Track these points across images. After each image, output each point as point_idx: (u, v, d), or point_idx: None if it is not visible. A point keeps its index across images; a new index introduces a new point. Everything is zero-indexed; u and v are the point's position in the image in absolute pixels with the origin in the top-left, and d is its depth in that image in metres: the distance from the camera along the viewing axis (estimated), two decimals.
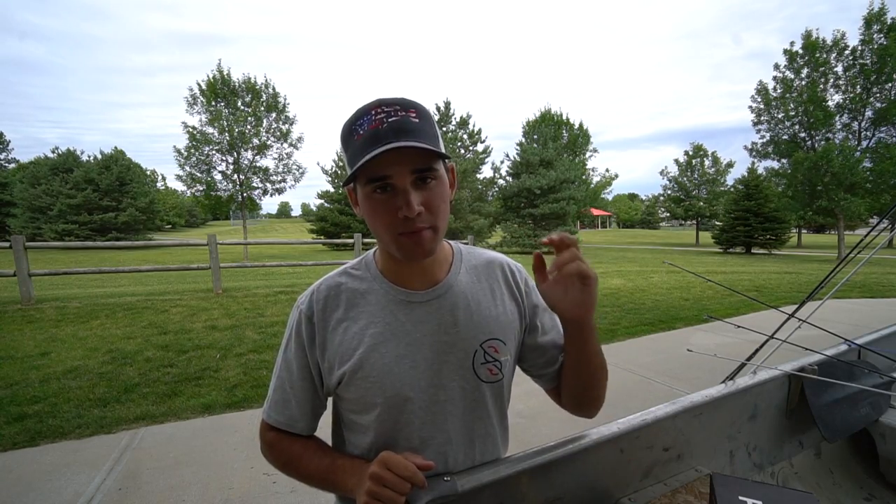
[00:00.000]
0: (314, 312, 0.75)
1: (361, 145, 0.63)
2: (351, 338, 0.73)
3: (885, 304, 6.88)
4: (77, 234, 27.95)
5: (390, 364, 0.72)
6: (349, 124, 0.66)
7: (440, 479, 0.70)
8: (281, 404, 0.78)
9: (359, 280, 0.78)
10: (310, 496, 2.11)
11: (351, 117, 0.66)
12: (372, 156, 0.60)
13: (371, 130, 0.63)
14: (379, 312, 0.74)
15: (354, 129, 0.65)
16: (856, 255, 1.47)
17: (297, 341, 0.76)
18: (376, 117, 0.63)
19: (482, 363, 0.75)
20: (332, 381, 0.74)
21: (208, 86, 19.93)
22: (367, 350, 0.72)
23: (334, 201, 27.85)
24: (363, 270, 0.79)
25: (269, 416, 0.79)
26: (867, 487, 1.31)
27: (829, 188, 19.30)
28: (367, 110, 0.64)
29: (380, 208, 0.65)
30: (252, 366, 3.83)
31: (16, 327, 4.89)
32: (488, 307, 0.78)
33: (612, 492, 0.90)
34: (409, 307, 0.74)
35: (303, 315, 0.76)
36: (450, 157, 0.69)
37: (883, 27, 18.39)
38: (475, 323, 0.75)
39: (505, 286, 0.82)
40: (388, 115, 0.63)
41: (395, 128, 0.62)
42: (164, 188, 63.53)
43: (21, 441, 2.62)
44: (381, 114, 0.63)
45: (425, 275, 0.76)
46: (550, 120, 36.00)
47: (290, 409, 0.77)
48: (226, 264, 7.60)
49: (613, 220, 76.11)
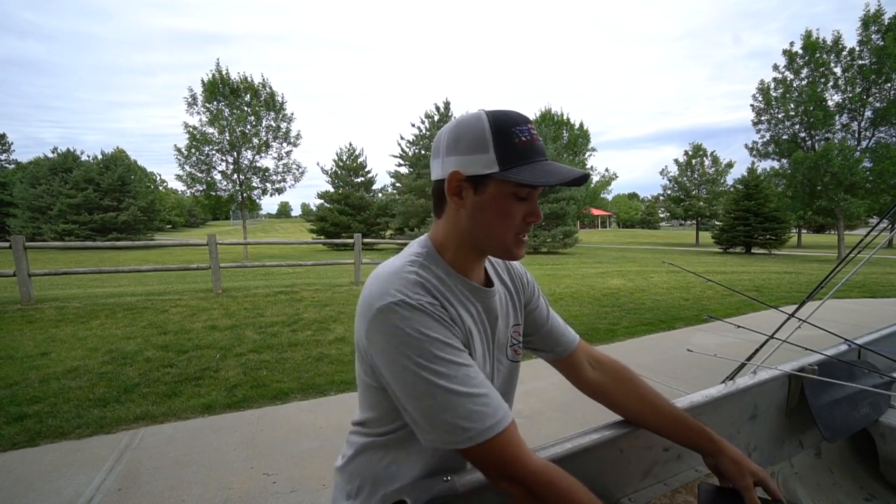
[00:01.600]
0: (441, 300, 0.70)
1: (526, 151, 0.68)
2: (468, 325, 0.76)
3: (885, 304, 6.88)
4: (77, 234, 27.95)
5: (482, 352, 0.78)
6: (507, 124, 0.69)
7: (439, 479, 0.70)
8: (500, 402, 0.66)
9: (437, 273, 0.75)
10: (310, 496, 2.11)
11: (507, 118, 0.69)
12: (562, 181, 0.66)
13: (534, 143, 0.69)
14: (465, 303, 0.77)
15: (514, 132, 0.68)
16: (856, 255, 1.47)
17: (450, 333, 0.67)
18: (531, 132, 0.70)
19: (511, 345, 0.86)
20: None
21: (208, 85, 19.93)
22: (475, 337, 0.76)
23: (334, 201, 27.88)
24: (435, 265, 0.76)
25: (504, 421, 0.64)
26: (867, 487, 1.31)
27: (829, 188, 19.31)
28: (522, 120, 0.70)
29: (513, 211, 0.71)
30: (252, 366, 3.83)
31: (15, 327, 4.89)
32: (506, 294, 0.88)
33: (612, 492, 0.89)
34: (480, 300, 0.79)
35: (433, 306, 0.67)
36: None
37: (881, 28, 18.40)
38: (509, 311, 0.87)
39: (507, 276, 0.91)
40: (532, 132, 0.70)
41: (542, 147, 0.70)
42: (164, 188, 63.47)
43: (21, 441, 2.61)
44: (530, 128, 0.70)
45: (480, 272, 0.82)
46: (550, 120, 36.00)
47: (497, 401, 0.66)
48: (226, 264, 7.61)
49: (613, 219, 76.12)
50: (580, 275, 10.38)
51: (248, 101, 20.81)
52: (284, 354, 4.13)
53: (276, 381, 3.49)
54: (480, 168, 0.68)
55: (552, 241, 23.99)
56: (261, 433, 2.73)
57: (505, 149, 0.68)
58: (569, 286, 8.33)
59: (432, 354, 0.63)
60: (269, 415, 2.99)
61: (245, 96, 20.75)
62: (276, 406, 3.12)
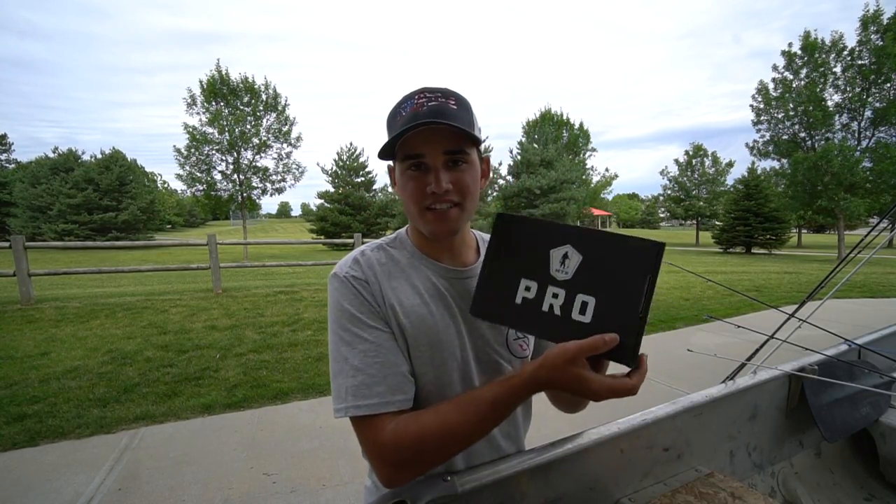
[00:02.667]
0: (368, 276, 0.73)
1: (401, 125, 0.67)
2: (401, 308, 0.72)
3: (885, 304, 6.88)
4: (77, 233, 27.94)
5: (438, 335, 0.73)
6: (395, 108, 0.71)
7: (440, 479, 0.70)
8: (380, 383, 0.66)
9: (397, 254, 0.78)
10: (310, 496, 2.11)
11: (397, 102, 0.71)
12: (404, 130, 0.64)
13: (412, 112, 0.67)
14: (423, 284, 0.76)
15: (398, 112, 0.70)
16: (856, 255, 1.47)
17: (361, 307, 0.70)
18: (418, 101, 0.68)
19: (514, 339, 0.80)
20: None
21: (208, 85, 19.92)
22: (418, 320, 0.72)
23: (334, 201, 27.86)
24: (399, 248, 0.79)
25: (372, 406, 0.64)
26: (867, 487, 1.31)
27: (829, 188, 19.29)
28: (411, 95, 0.70)
29: (411, 183, 0.70)
30: (252, 366, 3.83)
31: (15, 327, 4.89)
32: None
33: (612, 492, 0.89)
34: (450, 281, 0.77)
35: (356, 280, 0.71)
36: (482, 144, 0.72)
37: (880, 28, 18.40)
38: None
39: None
40: (428, 100, 0.68)
41: (433, 111, 0.66)
42: (164, 188, 63.47)
43: (21, 441, 2.61)
44: (423, 98, 0.68)
45: (457, 255, 0.79)
46: (550, 120, 35.99)
47: (397, 382, 0.67)
48: (226, 264, 7.60)
49: (613, 220, 76.11)
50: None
51: (247, 101, 20.80)
52: (284, 354, 4.13)
53: (276, 381, 3.49)
54: (385, 151, 0.70)
55: None
56: (261, 433, 2.73)
57: (393, 128, 0.70)
58: None
59: (340, 324, 0.70)
60: (269, 415, 2.99)
61: (245, 97, 20.74)
62: (276, 406, 3.12)
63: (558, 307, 0.61)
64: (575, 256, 0.61)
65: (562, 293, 0.61)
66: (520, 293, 0.64)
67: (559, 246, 0.62)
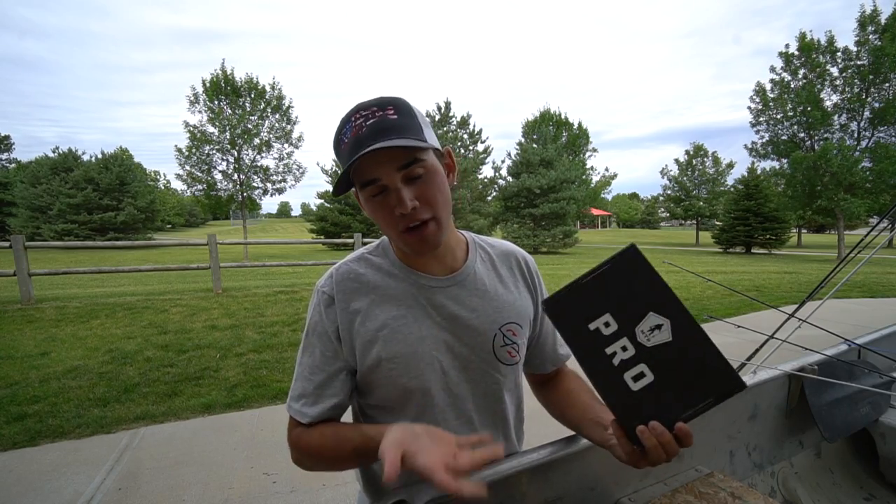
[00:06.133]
0: (335, 294, 0.75)
1: (347, 154, 0.65)
2: (373, 322, 0.73)
3: (885, 304, 6.88)
4: (77, 233, 27.92)
5: (414, 347, 0.73)
6: (337, 135, 0.69)
7: None
8: (308, 396, 0.74)
9: (377, 265, 0.78)
10: (310, 496, 2.11)
11: (337, 128, 0.68)
12: (351, 163, 0.63)
13: (353, 137, 0.64)
14: (401, 297, 0.75)
15: (341, 139, 0.67)
16: (856, 255, 1.47)
17: (317, 325, 0.75)
18: (356, 123, 0.65)
19: (502, 346, 0.78)
20: (359, 365, 0.75)
21: (211, 84, 19.91)
22: (391, 333, 0.73)
23: (334, 201, 27.83)
24: (381, 257, 0.79)
25: (293, 411, 0.75)
26: (867, 487, 1.31)
27: (829, 188, 19.30)
28: (347, 118, 0.66)
29: (378, 210, 0.68)
30: (252, 366, 3.83)
31: (16, 327, 4.89)
32: (505, 293, 0.81)
33: (612, 492, 0.90)
34: (430, 292, 0.76)
35: (324, 297, 0.76)
36: (432, 146, 0.68)
37: (877, 28, 18.40)
38: (494, 307, 0.78)
39: (520, 275, 0.85)
40: (366, 119, 0.64)
41: (374, 129, 0.64)
42: (165, 187, 63.45)
43: (21, 441, 2.62)
44: (360, 118, 0.65)
45: (442, 262, 0.78)
46: (549, 119, 35.98)
47: (315, 399, 0.74)
48: (226, 264, 7.60)
49: (613, 219, 76.12)
50: (581, 275, 10.35)
51: (252, 100, 20.76)
52: (284, 354, 4.13)
53: (276, 381, 3.49)
54: (342, 184, 0.69)
55: (552, 241, 23.98)
56: (261, 433, 2.73)
57: (341, 156, 0.68)
58: None
59: (306, 332, 0.77)
60: (269, 415, 2.99)
61: (248, 96, 20.72)
62: (276, 406, 3.12)
63: (619, 360, 0.60)
64: (666, 333, 0.59)
65: (632, 352, 0.60)
66: (597, 322, 0.61)
67: (660, 314, 0.60)
